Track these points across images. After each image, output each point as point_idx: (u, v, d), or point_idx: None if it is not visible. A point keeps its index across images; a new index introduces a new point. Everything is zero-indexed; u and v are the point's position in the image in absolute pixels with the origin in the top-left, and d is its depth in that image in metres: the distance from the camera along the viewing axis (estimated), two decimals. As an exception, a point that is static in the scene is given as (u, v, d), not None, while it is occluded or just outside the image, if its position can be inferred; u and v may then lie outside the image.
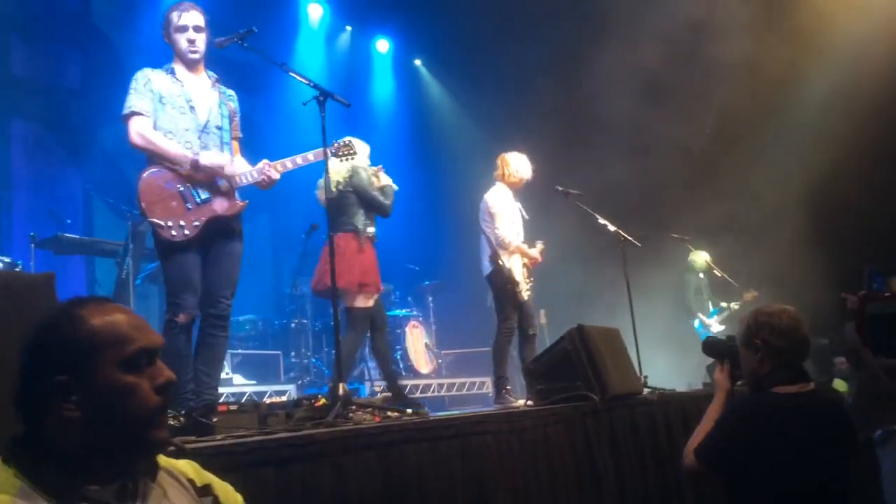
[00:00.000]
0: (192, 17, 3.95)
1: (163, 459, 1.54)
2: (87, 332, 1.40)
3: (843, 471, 2.75)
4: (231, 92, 4.18)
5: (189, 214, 3.80)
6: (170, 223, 3.75)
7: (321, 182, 5.33)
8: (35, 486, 1.32)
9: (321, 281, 5.28)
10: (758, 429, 2.71)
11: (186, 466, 1.60)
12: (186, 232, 3.77)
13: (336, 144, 4.37)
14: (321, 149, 4.13)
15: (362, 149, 5.54)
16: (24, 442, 1.38)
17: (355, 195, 5.40)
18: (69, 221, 7.05)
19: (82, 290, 7.66)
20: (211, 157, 3.87)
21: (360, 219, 5.38)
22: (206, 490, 1.59)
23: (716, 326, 8.80)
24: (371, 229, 5.45)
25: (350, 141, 4.52)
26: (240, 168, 4.06)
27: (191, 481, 1.57)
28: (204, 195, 3.87)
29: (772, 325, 2.80)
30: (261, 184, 4.04)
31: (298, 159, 4.15)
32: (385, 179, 5.62)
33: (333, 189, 5.21)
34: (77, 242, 6.92)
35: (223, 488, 1.64)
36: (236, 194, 3.99)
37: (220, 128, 4.00)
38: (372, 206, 5.42)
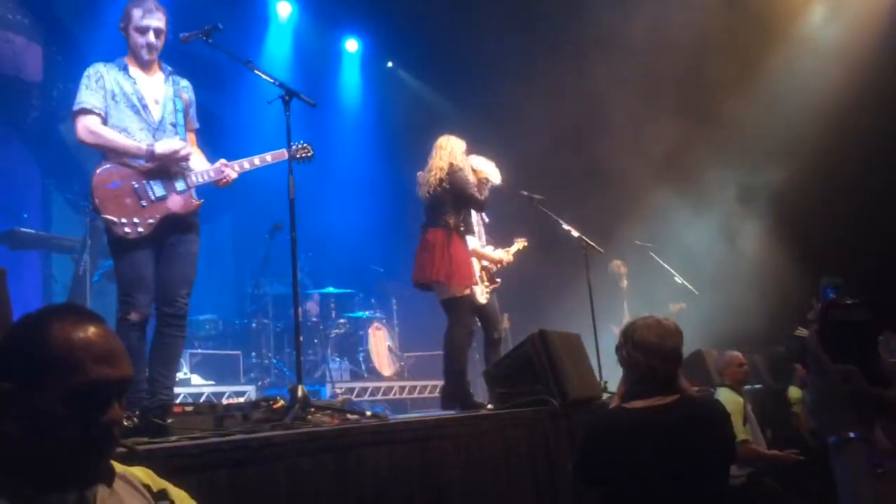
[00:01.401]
0: (156, 19, 3.85)
1: (118, 466, 1.50)
2: (42, 347, 1.34)
3: (706, 481, 2.72)
4: (185, 82, 4.10)
5: (144, 211, 3.75)
6: (123, 220, 3.70)
7: (420, 175, 5.53)
8: None
9: (417, 273, 5.43)
10: (598, 445, 2.80)
11: (140, 472, 1.57)
12: (140, 229, 3.72)
13: (295, 146, 4.32)
14: (281, 150, 4.10)
15: (458, 145, 5.60)
16: None
17: (451, 193, 5.41)
18: (26, 216, 6.93)
19: (38, 286, 7.52)
20: (166, 145, 3.81)
21: (451, 215, 5.39)
22: (161, 495, 1.56)
23: None
24: (463, 228, 5.45)
25: (307, 146, 4.43)
26: (197, 164, 4.01)
27: (146, 486, 1.54)
28: (159, 192, 3.82)
29: (634, 338, 2.82)
30: (218, 183, 4.01)
31: (256, 160, 4.12)
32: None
33: (430, 188, 5.42)
34: (34, 237, 6.81)
35: (178, 494, 1.61)
36: (193, 192, 3.95)
37: (174, 124, 3.96)
38: (468, 202, 5.46)
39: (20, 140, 7.87)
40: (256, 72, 4.14)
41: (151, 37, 3.86)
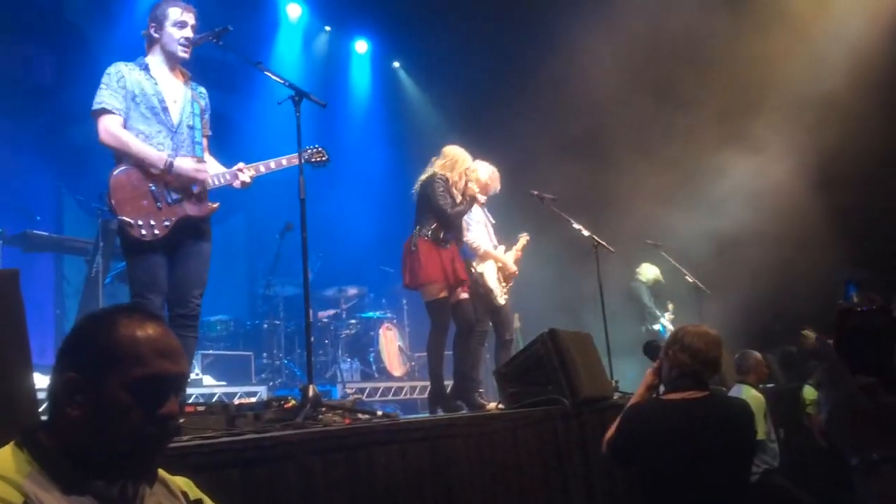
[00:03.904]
0: (192, 17, 3.94)
1: (161, 472, 1.58)
2: (108, 341, 1.43)
3: (728, 465, 3.14)
4: (202, 89, 4.14)
5: (160, 214, 3.76)
6: (140, 222, 3.70)
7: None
8: (44, 473, 1.36)
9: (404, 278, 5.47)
10: (635, 426, 3.27)
11: (181, 481, 1.65)
12: (156, 231, 3.73)
13: (309, 150, 4.33)
14: (294, 154, 4.10)
15: (458, 156, 5.57)
16: (40, 429, 1.43)
17: (426, 201, 5.41)
18: (38, 218, 6.96)
19: (50, 287, 7.56)
20: (186, 164, 3.82)
21: (423, 220, 5.38)
22: (197, 503, 1.64)
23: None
24: (430, 232, 5.33)
25: (322, 150, 4.44)
26: (211, 169, 4.02)
27: (184, 494, 1.62)
28: (175, 195, 3.83)
29: (682, 342, 3.32)
30: (234, 185, 4.03)
31: (272, 164, 4.13)
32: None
33: (414, 193, 5.52)
34: (46, 240, 6.84)
35: None
36: (208, 196, 3.96)
37: (192, 127, 3.96)
38: (436, 215, 5.36)
39: (32, 143, 7.91)
40: (267, 73, 4.14)
41: (189, 31, 3.92)
